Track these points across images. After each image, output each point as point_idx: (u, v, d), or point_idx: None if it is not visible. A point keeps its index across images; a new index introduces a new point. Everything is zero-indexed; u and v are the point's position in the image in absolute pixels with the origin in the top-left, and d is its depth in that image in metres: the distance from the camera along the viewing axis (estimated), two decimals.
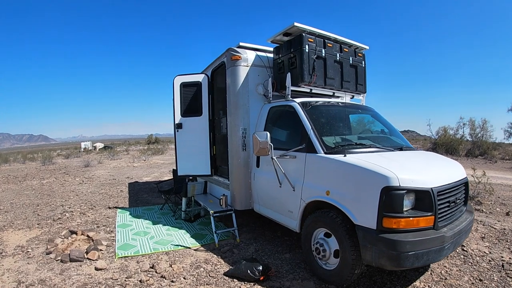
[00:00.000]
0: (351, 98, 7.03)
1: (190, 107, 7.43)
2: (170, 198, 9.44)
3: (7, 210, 10.17)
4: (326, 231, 4.44)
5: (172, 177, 10.72)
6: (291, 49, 5.77)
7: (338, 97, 6.67)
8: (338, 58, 6.07)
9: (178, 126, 7.54)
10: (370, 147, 5.05)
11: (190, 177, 8.65)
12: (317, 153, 4.63)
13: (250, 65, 6.28)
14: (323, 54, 5.81)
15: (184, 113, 7.50)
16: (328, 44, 5.93)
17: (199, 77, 7.37)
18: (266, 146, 4.84)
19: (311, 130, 4.83)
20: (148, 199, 11.28)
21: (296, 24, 5.54)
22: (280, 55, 6.14)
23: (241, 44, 6.56)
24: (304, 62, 5.55)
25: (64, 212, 9.39)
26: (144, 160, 28.39)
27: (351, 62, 6.33)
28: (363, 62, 6.61)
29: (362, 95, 6.93)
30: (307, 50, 5.54)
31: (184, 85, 7.43)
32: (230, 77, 6.41)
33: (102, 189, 13.84)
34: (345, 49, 6.23)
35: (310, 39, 5.62)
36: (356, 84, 6.55)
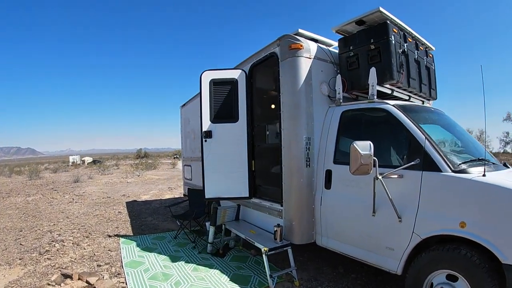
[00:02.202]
0: (421, 103, 5.87)
1: (223, 111, 6.17)
2: (185, 224, 7.85)
3: None
4: (449, 273, 3.49)
5: (184, 198, 9.94)
6: (371, 39, 4.84)
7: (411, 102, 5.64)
8: (416, 57, 5.28)
9: (207, 135, 6.17)
10: (491, 163, 4.22)
11: (214, 201, 7.18)
12: (440, 171, 3.63)
13: (313, 57, 5.15)
14: (406, 50, 4.98)
15: (215, 118, 6.19)
16: (408, 39, 5.13)
17: (235, 73, 6.15)
18: (369, 161, 3.69)
19: (427, 141, 3.82)
20: (155, 224, 9.54)
21: (381, 9, 4.66)
22: (351, 47, 5.14)
23: (300, 31, 5.35)
24: (392, 55, 4.64)
25: (53, 241, 7.64)
26: (138, 176, 27.13)
27: (425, 62, 5.54)
28: (433, 64, 5.85)
29: (431, 101, 6.15)
30: (393, 42, 4.66)
31: (215, 83, 6.15)
32: (287, 71, 5.21)
33: (96, 209, 11.98)
34: (420, 47, 5.45)
35: (394, 29, 4.76)
36: (430, 89, 5.75)
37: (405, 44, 4.97)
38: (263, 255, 4.96)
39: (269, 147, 6.33)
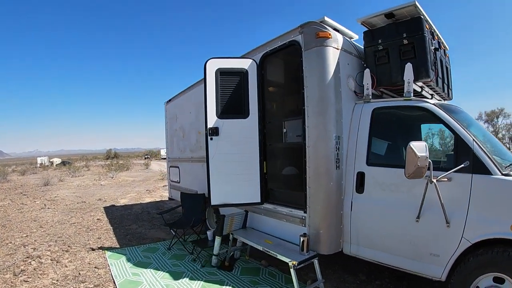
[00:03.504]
0: None
1: (231, 105, 5.54)
2: (179, 233, 7.07)
3: None
4: (496, 276, 3.42)
5: (172, 203, 9.20)
6: (403, 34, 4.60)
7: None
8: (440, 55, 5.11)
9: (213, 132, 5.43)
10: None
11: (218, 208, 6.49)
12: (491, 174, 3.53)
13: (340, 48, 4.73)
14: (435, 48, 4.84)
15: (222, 113, 5.50)
16: (435, 37, 4.99)
17: (244, 63, 5.53)
18: (425, 164, 3.52)
19: (474, 143, 3.71)
20: (141, 232, 8.55)
21: (417, 3, 4.42)
22: (379, 41, 4.84)
23: (325, 19, 4.88)
24: (427, 52, 4.46)
25: (28, 257, 6.52)
26: (112, 178, 25.93)
27: (444, 62, 5.41)
28: (449, 64, 5.77)
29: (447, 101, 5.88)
30: (427, 38, 4.47)
31: (222, 73, 5.47)
32: (313, 62, 4.72)
33: (72, 216, 10.86)
34: (442, 46, 5.27)
35: (426, 25, 4.57)
36: (448, 89, 5.66)
37: (433, 42, 4.80)
38: (291, 270, 4.40)
39: (285, 146, 5.89)
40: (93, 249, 6.99)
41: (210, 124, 5.38)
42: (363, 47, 5.14)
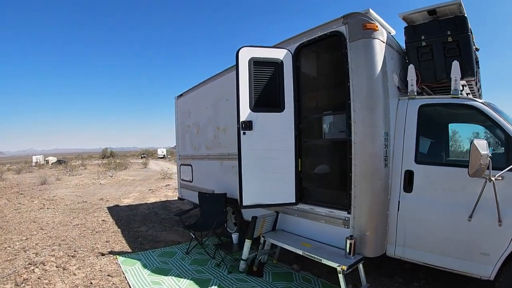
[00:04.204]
0: None
1: (265, 97, 5.22)
2: (196, 235, 6.57)
3: None
4: None
5: (189, 204, 8.79)
6: (448, 31, 4.63)
7: None
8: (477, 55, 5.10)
9: (246, 126, 5.06)
10: None
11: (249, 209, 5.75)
12: None
13: (385, 42, 4.59)
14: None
15: (256, 106, 5.15)
16: (473, 36, 4.85)
17: (279, 53, 5.20)
18: (487, 162, 3.47)
19: None
20: (153, 235, 8.00)
21: (461, 1, 4.45)
22: (422, 37, 4.83)
23: (370, 11, 4.58)
24: (472, 50, 4.54)
25: (30, 264, 5.90)
26: (111, 177, 25.39)
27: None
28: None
29: None
30: (471, 37, 4.57)
31: (255, 63, 5.13)
32: (360, 54, 4.52)
33: (74, 217, 10.26)
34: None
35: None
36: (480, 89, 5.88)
37: (474, 41, 4.78)
38: (340, 275, 4.14)
39: (324, 143, 5.74)
40: (102, 254, 6.43)
41: (243, 117, 5.00)
42: (404, 43, 5.10)
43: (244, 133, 5.01)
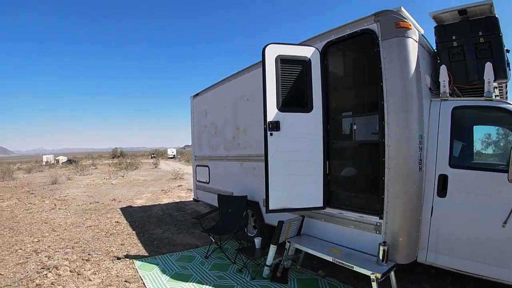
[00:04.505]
0: None
1: (293, 97, 5.03)
2: (215, 238, 6.40)
3: None
4: None
5: (212, 207, 8.33)
6: (479, 32, 4.62)
7: None
8: None
9: (273, 127, 4.88)
10: None
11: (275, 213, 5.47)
12: None
13: (418, 41, 4.47)
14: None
15: (283, 106, 4.95)
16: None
17: (307, 51, 5.03)
18: None
19: None
20: (169, 238, 7.81)
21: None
22: (454, 37, 4.82)
23: (402, 9, 4.49)
24: (504, 52, 4.55)
25: (43, 268, 5.73)
26: (123, 177, 25.37)
27: None
28: None
29: None
30: (503, 38, 4.57)
31: (283, 61, 4.96)
32: (394, 53, 4.39)
33: (87, 218, 10.10)
34: None
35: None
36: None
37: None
38: (373, 283, 4.02)
39: (353, 144, 5.58)
40: (118, 258, 6.24)
41: (270, 118, 4.82)
42: (434, 43, 5.05)
43: (271, 134, 4.84)
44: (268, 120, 4.79)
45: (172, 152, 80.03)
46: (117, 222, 9.56)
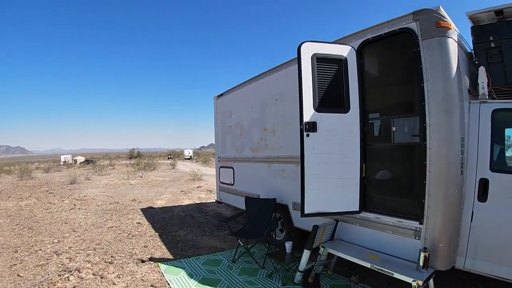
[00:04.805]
0: None
1: (330, 97, 4.89)
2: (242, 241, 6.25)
3: None
4: None
5: (239, 209, 7.95)
6: None
7: None
8: None
9: (310, 127, 4.70)
10: None
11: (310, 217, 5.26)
12: None
13: (457, 41, 4.35)
14: None
15: (320, 106, 4.78)
16: None
17: (343, 50, 4.91)
18: None
19: None
20: (193, 240, 7.65)
21: None
22: (491, 38, 4.76)
23: (441, 8, 4.39)
24: None
25: (64, 270, 5.62)
26: (141, 177, 25.40)
27: None
28: None
29: None
30: None
31: (318, 59, 4.81)
32: (435, 53, 4.27)
33: (108, 219, 10.05)
34: None
35: None
36: None
37: None
38: None
39: (389, 147, 5.30)
40: (142, 261, 6.10)
41: (306, 118, 4.66)
42: (471, 43, 4.98)
43: (307, 135, 4.67)
44: (304, 121, 4.64)
45: (189, 153, 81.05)
46: (139, 223, 9.47)
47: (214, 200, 12.32)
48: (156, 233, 8.28)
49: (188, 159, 74.17)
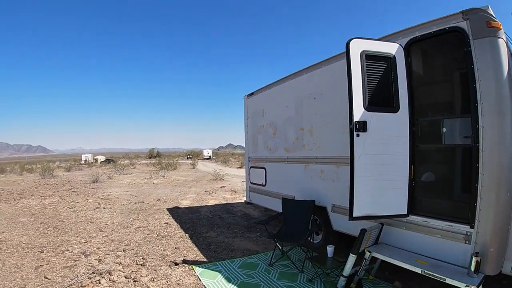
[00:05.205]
0: None
1: (379, 96, 4.72)
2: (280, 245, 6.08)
3: None
4: None
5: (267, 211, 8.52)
6: None
7: None
8: None
9: (360, 127, 4.55)
10: None
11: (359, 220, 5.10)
12: None
13: (506, 42, 4.20)
14: None
15: (370, 105, 4.64)
16: None
17: (391, 47, 4.77)
18: None
19: None
20: (225, 242, 7.52)
21: None
22: None
23: (490, 7, 4.27)
24: None
25: (94, 273, 5.44)
26: (163, 176, 25.48)
27: None
28: None
29: None
30: None
31: (368, 56, 4.68)
32: (487, 53, 4.16)
33: (134, 219, 10.01)
34: None
35: None
36: None
37: None
38: None
39: (438, 148, 5.14)
40: (176, 264, 5.93)
41: (356, 117, 4.51)
42: None
43: (357, 135, 4.51)
44: (354, 120, 4.49)
45: (208, 153, 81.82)
46: (167, 223, 9.40)
47: (240, 201, 12.23)
48: (186, 234, 8.17)
49: (207, 159, 74.77)
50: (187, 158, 73.94)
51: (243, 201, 10.83)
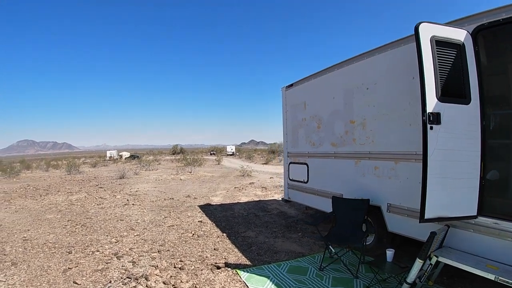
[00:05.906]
0: None
1: (450, 86, 4.35)
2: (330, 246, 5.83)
3: (14, 259, 5.93)
4: None
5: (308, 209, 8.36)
6: None
7: None
8: None
9: (434, 119, 4.17)
10: None
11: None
12: None
13: None
14: None
15: (442, 95, 4.27)
16: None
17: (460, 34, 4.42)
18: None
19: None
20: (265, 242, 7.21)
21: None
22: None
23: None
24: None
25: (129, 277, 5.13)
26: (190, 172, 25.58)
27: None
28: None
29: None
30: None
31: (438, 42, 4.32)
32: None
33: (166, 216, 9.78)
34: None
35: None
36: None
37: None
38: None
39: (507, 144, 4.94)
40: (218, 267, 5.59)
41: (429, 108, 4.15)
42: None
43: (431, 128, 4.13)
44: (428, 111, 4.11)
45: (231, 149, 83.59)
46: (201, 221, 9.12)
47: (272, 198, 11.89)
48: (223, 234, 7.86)
49: (231, 155, 76.38)
50: (211, 154, 75.28)
51: (277, 198, 10.51)
